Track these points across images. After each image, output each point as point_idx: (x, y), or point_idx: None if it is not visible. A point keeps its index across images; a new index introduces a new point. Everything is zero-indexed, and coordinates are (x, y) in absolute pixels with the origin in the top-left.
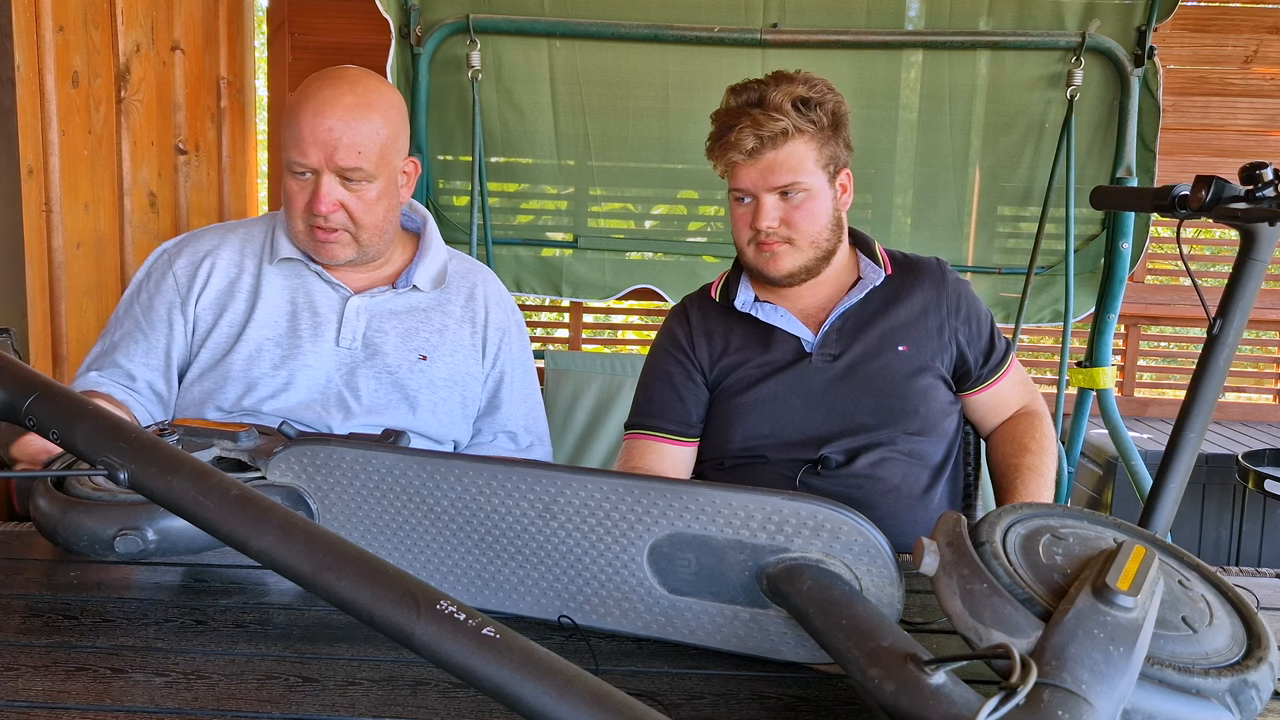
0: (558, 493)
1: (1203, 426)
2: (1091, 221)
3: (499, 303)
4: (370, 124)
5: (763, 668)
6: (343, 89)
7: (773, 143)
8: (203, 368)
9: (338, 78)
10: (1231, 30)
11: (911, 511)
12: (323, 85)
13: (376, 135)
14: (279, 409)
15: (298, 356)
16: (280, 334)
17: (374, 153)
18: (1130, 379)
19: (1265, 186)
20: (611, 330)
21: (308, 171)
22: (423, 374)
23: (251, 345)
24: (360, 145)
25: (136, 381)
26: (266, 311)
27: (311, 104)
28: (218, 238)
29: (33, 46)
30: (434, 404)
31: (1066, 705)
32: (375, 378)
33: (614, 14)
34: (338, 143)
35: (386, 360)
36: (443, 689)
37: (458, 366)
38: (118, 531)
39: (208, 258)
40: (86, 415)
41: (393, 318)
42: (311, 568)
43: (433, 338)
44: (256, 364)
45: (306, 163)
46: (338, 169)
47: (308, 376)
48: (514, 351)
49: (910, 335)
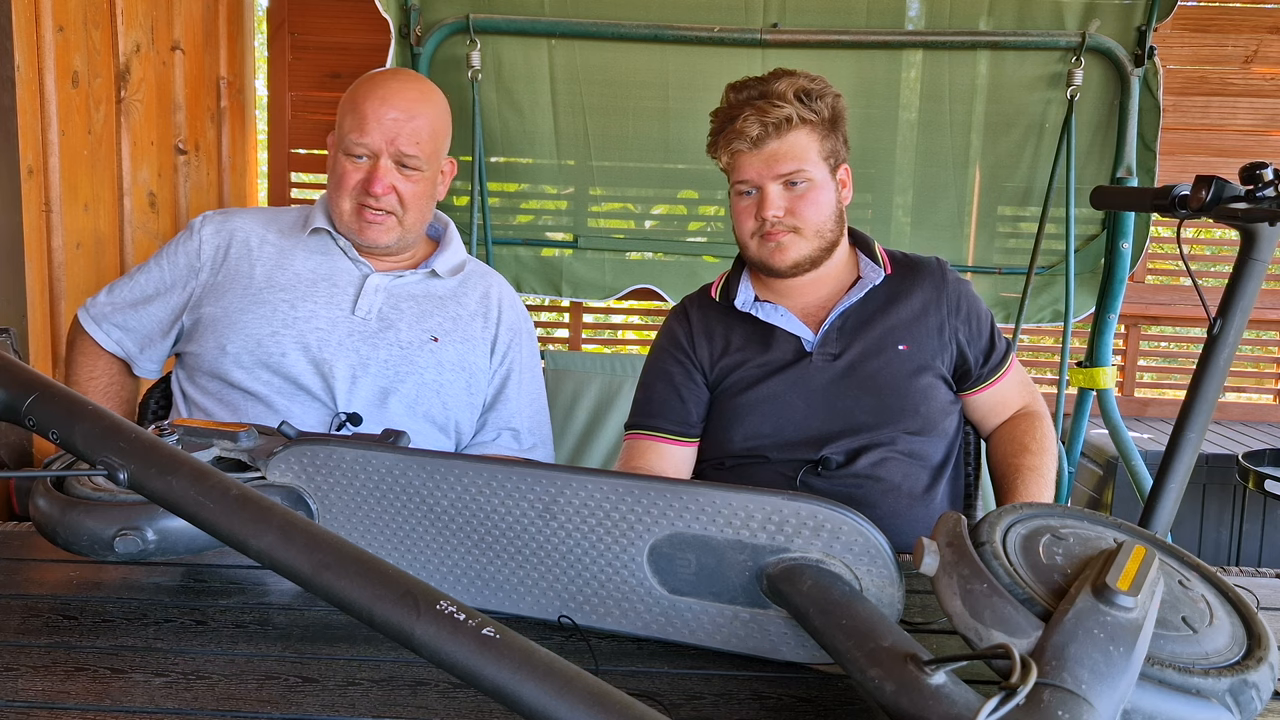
0: (558, 493)
1: (1203, 426)
2: (1091, 221)
3: (512, 306)
4: (429, 117)
5: (763, 668)
6: (408, 83)
7: (777, 131)
8: (213, 321)
9: (402, 73)
10: (1231, 30)
11: (912, 511)
12: (388, 78)
13: (433, 129)
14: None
15: (311, 319)
16: (296, 297)
17: (430, 144)
18: (1130, 379)
19: (1265, 186)
20: (611, 330)
21: (366, 155)
22: (432, 354)
23: (267, 306)
24: (420, 135)
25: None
26: (288, 276)
27: (379, 92)
28: (251, 216)
29: (33, 46)
30: (439, 385)
31: (1066, 705)
32: (386, 348)
33: (614, 14)
34: (401, 129)
35: (399, 335)
36: (443, 689)
37: (467, 354)
38: (118, 531)
39: (234, 230)
40: (86, 415)
41: (410, 300)
42: (311, 568)
43: (446, 323)
44: (269, 322)
45: (369, 145)
46: (397, 154)
47: (319, 339)
48: (524, 354)
49: (910, 334)
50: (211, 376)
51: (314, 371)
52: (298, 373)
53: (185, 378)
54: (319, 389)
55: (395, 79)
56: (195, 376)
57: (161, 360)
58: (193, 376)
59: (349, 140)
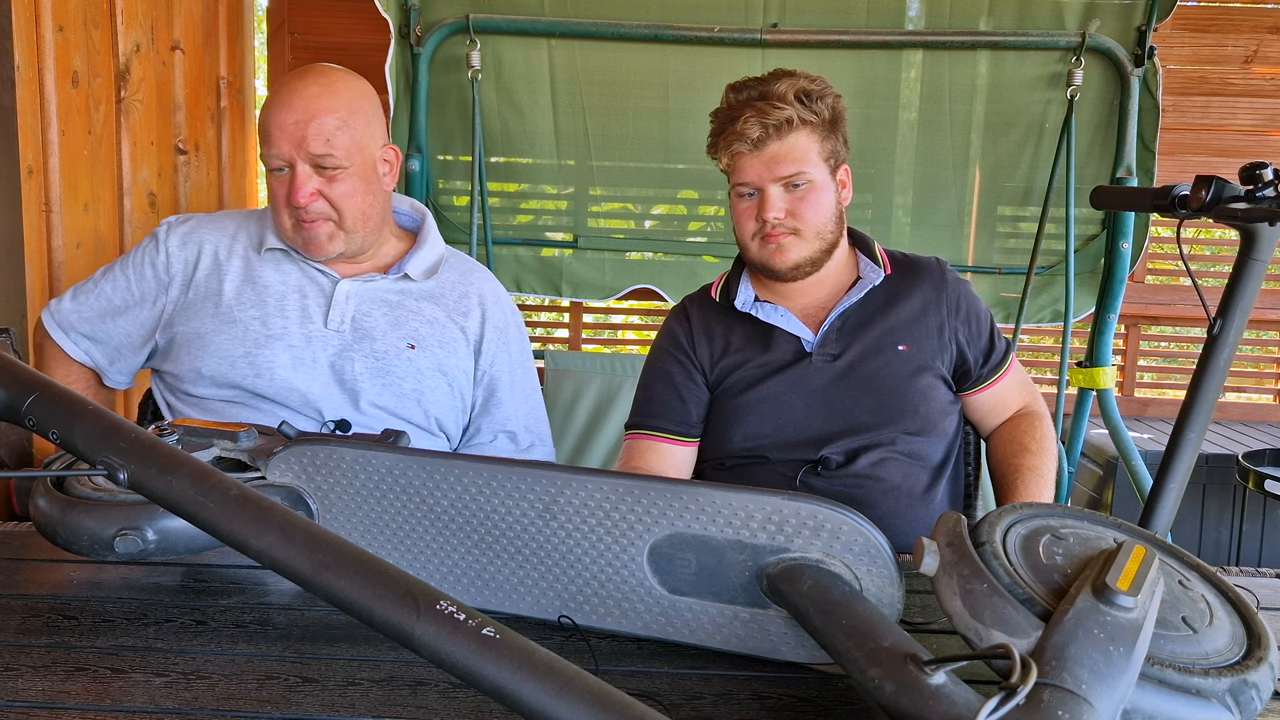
0: (558, 493)
1: (1203, 426)
2: (1091, 221)
3: (497, 303)
4: (336, 111)
5: (763, 668)
6: (306, 81)
7: (777, 132)
8: (186, 342)
9: (301, 73)
10: (1231, 30)
11: (912, 511)
12: (286, 81)
13: (341, 122)
14: (263, 388)
15: (284, 337)
16: (267, 314)
17: (343, 140)
18: (1130, 379)
19: (1265, 186)
20: (611, 330)
21: (284, 166)
22: (410, 362)
23: (239, 326)
24: (326, 132)
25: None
26: (257, 291)
27: (278, 98)
28: (216, 225)
29: (33, 46)
30: (419, 393)
31: (1066, 705)
32: (362, 360)
33: (614, 14)
34: (305, 131)
35: (374, 345)
36: (443, 689)
37: (446, 360)
38: (118, 531)
39: (202, 243)
40: (86, 415)
41: (382, 304)
42: (311, 568)
43: (422, 328)
44: (241, 342)
45: (280, 154)
46: (310, 157)
47: (293, 356)
48: (512, 351)
49: (910, 335)
50: (190, 396)
51: (290, 390)
52: (274, 392)
53: (166, 391)
54: (299, 404)
55: (296, 79)
56: (175, 393)
57: (132, 373)
58: (173, 392)
59: (263, 154)
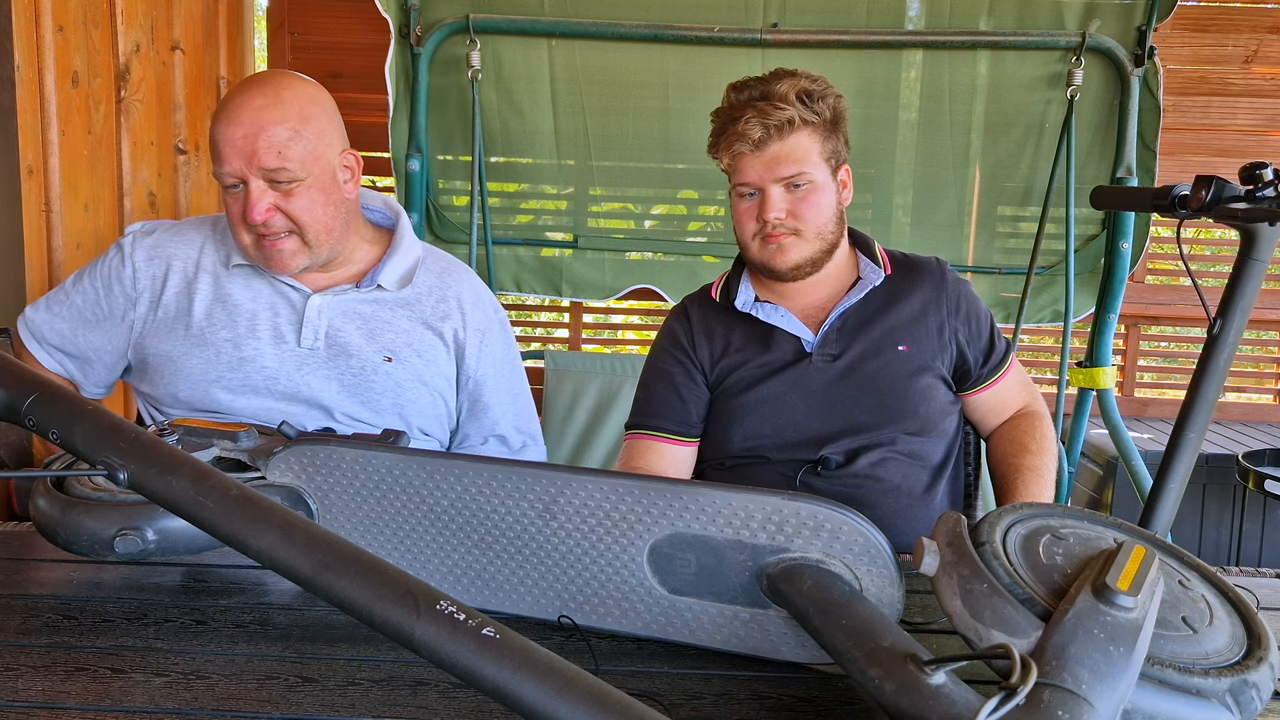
0: (558, 493)
1: (1203, 426)
2: (1091, 221)
3: (477, 304)
4: (285, 123)
5: (763, 668)
6: (252, 93)
7: (779, 133)
8: (160, 365)
9: (248, 84)
10: (1231, 30)
11: (911, 511)
12: (233, 94)
13: (293, 132)
14: (240, 409)
15: (257, 359)
16: (239, 335)
17: (297, 150)
18: (1130, 379)
19: (1265, 186)
20: (611, 330)
21: (237, 182)
22: (388, 375)
23: (211, 349)
24: (277, 144)
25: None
26: (227, 311)
27: (225, 113)
28: (183, 238)
29: (33, 46)
30: (399, 406)
31: (1066, 705)
32: (339, 378)
33: (614, 14)
34: (254, 145)
35: (350, 361)
36: (443, 689)
37: (425, 370)
38: (118, 531)
39: (170, 258)
40: (86, 415)
41: (356, 318)
42: (311, 568)
43: (399, 339)
44: (215, 365)
45: (232, 172)
46: (262, 172)
47: (266, 376)
48: (496, 352)
49: (910, 335)
50: (171, 415)
51: (268, 411)
52: (250, 415)
53: (147, 409)
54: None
55: (240, 92)
56: (160, 411)
57: (109, 385)
58: (156, 409)
59: (215, 171)
